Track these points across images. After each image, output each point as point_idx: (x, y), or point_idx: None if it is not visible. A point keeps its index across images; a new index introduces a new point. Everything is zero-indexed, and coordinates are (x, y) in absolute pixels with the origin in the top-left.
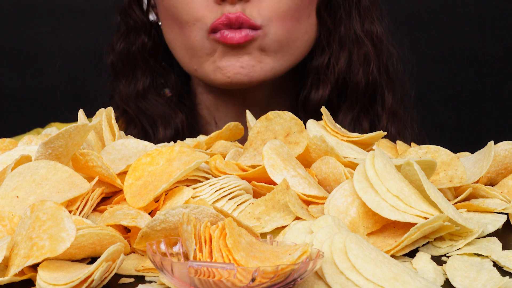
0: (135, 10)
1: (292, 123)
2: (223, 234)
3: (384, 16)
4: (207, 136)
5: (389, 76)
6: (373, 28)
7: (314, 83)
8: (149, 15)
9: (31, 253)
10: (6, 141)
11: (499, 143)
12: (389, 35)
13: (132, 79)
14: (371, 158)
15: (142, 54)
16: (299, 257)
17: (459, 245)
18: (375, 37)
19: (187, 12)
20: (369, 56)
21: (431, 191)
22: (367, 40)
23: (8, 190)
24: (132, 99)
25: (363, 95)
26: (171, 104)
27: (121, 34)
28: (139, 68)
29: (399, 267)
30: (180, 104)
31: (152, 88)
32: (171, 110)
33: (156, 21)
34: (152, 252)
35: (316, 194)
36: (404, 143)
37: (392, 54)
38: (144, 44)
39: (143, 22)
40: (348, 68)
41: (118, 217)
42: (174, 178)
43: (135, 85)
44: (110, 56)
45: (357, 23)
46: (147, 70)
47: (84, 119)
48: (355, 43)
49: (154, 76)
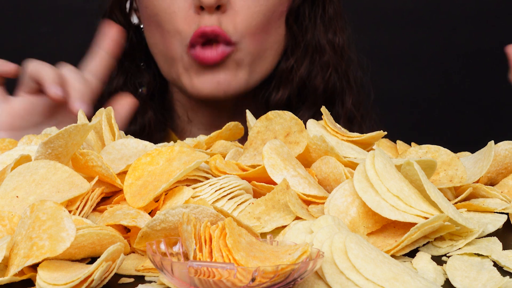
0: (116, 13)
1: (292, 122)
2: (223, 234)
3: (348, 26)
4: (207, 136)
5: (349, 82)
6: (335, 38)
7: (276, 86)
8: (132, 18)
9: (31, 253)
10: (6, 140)
11: (499, 142)
12: (352, 44)
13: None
14: (371, 158)
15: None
16: (299, 257)
17: (459, 245)
18: (337, 46)
19: (169, 22)
20: (329, 64)
21: (431, 191)
22: (329, 48)
23: (8, 190)
24: (106, 97)
25: (321, 98)
26: (141, 101)
27: None
28: (113, 69)
29: (399, 267)
30: (150, 102)
31: (125, 88)
32: (142, 106)
33: (138, 24)
34: (152, 252)
35: (316, 194)
36: (404, 143)
37: (353, 61)
38: None
39: (122, 25)
40: (309, 73)
41: (118, 217)
42: (174, 178)
43: (108, 86)
44: None
45: (320, 33)
46: (120, 71)
47: (84, 119)
48: (318, 51)
49: (128, 76)
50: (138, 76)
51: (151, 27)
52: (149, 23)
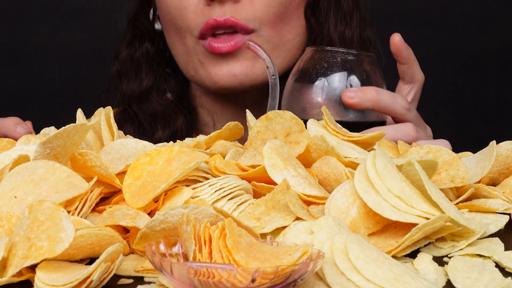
0: (141, 19)
1: (292, 122)
2: (223, 234)
3: (367, 21)
4: (206, 136)
5: None
6: (349, 32)
7: None
8: (155, 24)
9: (29, 253)
10: (4, 140)
11: (501, 143)
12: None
13: (136, 80)
14: (372, 158)
15: (145, 58)
16: (300, 257)
17: (460, 245)
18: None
19: (180, 19)
20: None
21: (432, 191)
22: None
23: (6, 190)
24: (134, 97)
25: None
26: (172, 105)
27: (126, 42)
28: (142, 71)
29: (400, 268)
30: (180, 106)
31: (154, 89)
32: (171, 111)
33: (161, 29)
34: (151, 253)
35: (316, 194)
36: (405, 143)
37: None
38: (148, 50)
39: (148, 30)
40: None
41: (117, 217)
42: (173, 178)
43: (139, 85)
44: (115, 65)
45: (336, 26)
46: (150, 72)
47: (82, 119)
48: (334, 45)
49: (157, 79)
50: (164, 81)
51: (167, 26)
52: (165, 22)
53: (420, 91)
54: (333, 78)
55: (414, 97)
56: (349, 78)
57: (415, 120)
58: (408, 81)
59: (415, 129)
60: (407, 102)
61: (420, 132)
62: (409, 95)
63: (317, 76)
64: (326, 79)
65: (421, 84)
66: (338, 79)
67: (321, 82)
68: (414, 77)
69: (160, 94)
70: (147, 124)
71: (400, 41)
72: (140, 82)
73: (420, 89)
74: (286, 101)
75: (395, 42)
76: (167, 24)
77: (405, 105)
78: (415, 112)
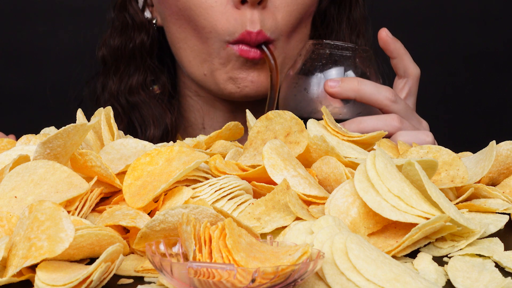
0: (134, 6)
1: (292, 122)
2: (223, 234)
3: (370, 30)
4: (206, 136)
5: None
6: (357, 40)
7: None
8: (145, 13)
9: (30, 253)
10: (4, 140)
11: (501, 142)
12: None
13: (124, 75)
14: (372, 158)
15: (140, 51)
16: (300, 257)
17: (460, 245)
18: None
19: (205, 18)
20: None
21: (432, 191)
22: None
23: (6, 190)
24: (123, 94)
25: None
26: (162, 103)
27: (116, 29)
28: (134, 65)
29: (400, 268)
30: (169, 105)
31: (144, 85)
32: (162, 109)
33: (150, 18)
34: (151, 253)
35: (316, 194)
36: (405, 143)
37: None
38: (144, 42)
39: (142, 20)
40: None
41: (117, 217)
42: (173, 178)
43: (128, 81)
44: (102, 50)
45: (345, 35)
46: (142, 67)
47: (82, 119)
48: None
49: (147, 73)
50: (155, 74)
51: (180, 21)
52: (179, 17)
53: (417, 85)
54: (330, 72)
55: (409, 91)
56: (345, 73)
57: (403, 112)
58: (401, 75)
59: (399, 120)
60: (393, 94)
61: (405, 123)
62: (404, 89)
63: (314, 70)
64: (322, 73)
65: (415, 78)
66: (335, 73)
67: (317, 75)
68: (406, 71)
69: (148, 89)
70: (137, 122)
71: (387, 35)
72: (129, 78)
73: (416, 83)
74: (284, 93)
75: (382, 37)
76: (181, 20)
77: (389, 97)
78: (403, 104)
